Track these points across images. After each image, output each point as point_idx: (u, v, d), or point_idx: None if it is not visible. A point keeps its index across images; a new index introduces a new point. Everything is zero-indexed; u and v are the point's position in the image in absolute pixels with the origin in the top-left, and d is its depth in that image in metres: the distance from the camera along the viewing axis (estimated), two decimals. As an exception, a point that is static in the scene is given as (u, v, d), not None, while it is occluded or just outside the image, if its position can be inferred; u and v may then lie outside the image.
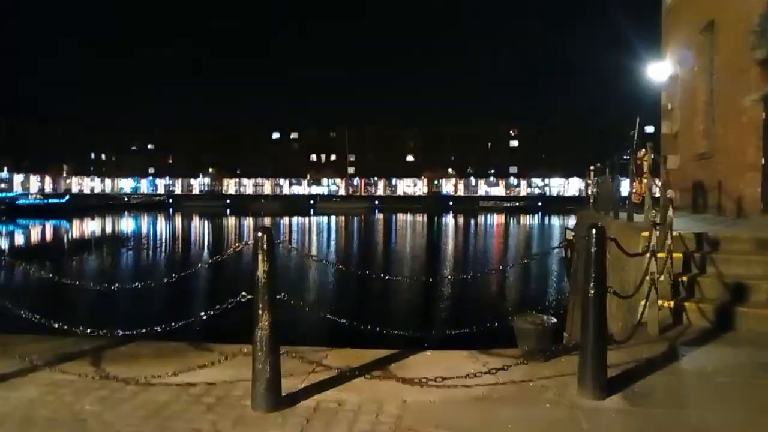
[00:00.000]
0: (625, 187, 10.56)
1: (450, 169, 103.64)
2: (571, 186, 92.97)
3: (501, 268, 23.49)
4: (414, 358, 4.91)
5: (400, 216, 65.44)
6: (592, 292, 4.03)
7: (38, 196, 74.56)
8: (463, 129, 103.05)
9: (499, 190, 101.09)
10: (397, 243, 35.94)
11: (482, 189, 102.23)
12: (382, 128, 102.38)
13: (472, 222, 57.20)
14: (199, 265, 4.11)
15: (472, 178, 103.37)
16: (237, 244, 4.21)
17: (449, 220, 61.72)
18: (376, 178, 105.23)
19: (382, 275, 5.81)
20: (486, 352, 5.00)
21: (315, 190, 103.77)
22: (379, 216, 66.60)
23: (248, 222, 57.10)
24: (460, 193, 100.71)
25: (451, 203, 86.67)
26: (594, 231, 4.08)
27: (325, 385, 4.27)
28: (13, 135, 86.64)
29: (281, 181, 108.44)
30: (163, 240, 37.99)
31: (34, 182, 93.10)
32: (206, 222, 56.54)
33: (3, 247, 30.79)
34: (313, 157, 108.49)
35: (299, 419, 3.72)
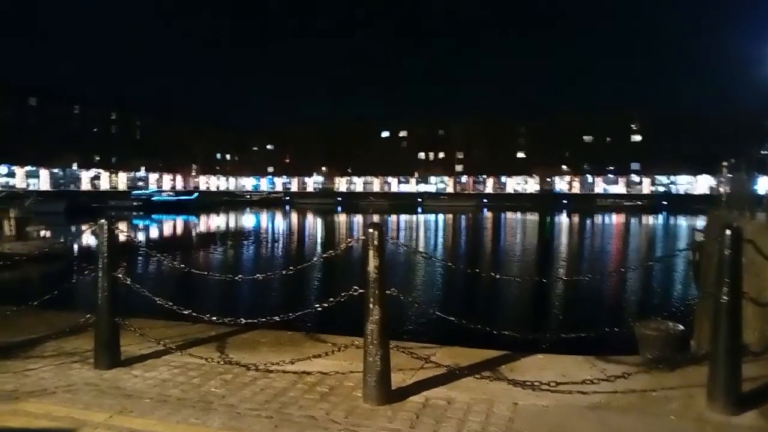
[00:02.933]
0: (763, 184, 9.61)
1: (564, 166, 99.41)
2: (700, 184, 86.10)
3: (621, 270, 22.21)
4: (526, 360, 4.79)
5: (509, 215, 63.98)
6: (726, 298, 3.72)
7: (170, 194, 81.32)
8: (579, 121, 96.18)
9: (619, 188, 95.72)
10: (507, 242, 35.18)
11: (599, 187, 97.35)
12: (491, 124, 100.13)
13: (589, 222, 54.61)
14: (315, 259, 4.29)
15: (588, 176, 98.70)
16: (349, 240, 4.34)
17: (563, 219, 59.36)
18: (484, 176, 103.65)
19: (492, 274, 5.72)
20: (603, 359, 4.76)
21: (423, 187, 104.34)
22: (488, 214, 65.54)
23: (358, 219, 58.51)
24: (575, 190, 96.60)
25: (565, 201, 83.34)
26: (729, 232, 3.77)
27: (434, 381, 4.29)
28: (150, 137, 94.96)
29: (390, 179, 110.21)
30: (281, 235, 39.95)
31: (167, 180, 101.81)
32: (319, 218, 58.65)
33: (141, 240, 33.91)
34: (422, 154, 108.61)
35: (409, 414, 3.77)
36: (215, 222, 54.20)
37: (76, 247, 26.23)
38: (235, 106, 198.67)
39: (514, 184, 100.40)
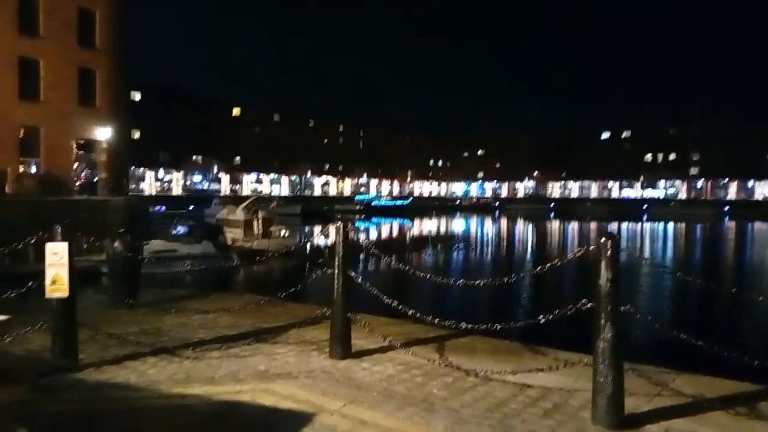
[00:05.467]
0: None
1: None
2: None
3: None
4: (793, 399, 4.02)
5: (758, 225, 55.18)
6: None
7: (388, 198, 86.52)
8: None
9: None
10: (755, 255, 30.39)
11: None
12: (734, 123, 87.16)
13: None
14: (539, 268, 4.13)
15: None
16: (578, 249, 4.07)
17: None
18: (726, 180, 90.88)
19: (742, 293, 4.94)
20: None
21: (649, 193, 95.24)
22: (730, 224, 57.32)
23: (572, 226, 55.73)
24: None
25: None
26: None
27: (674, 411, 3.81)
28: (372, 146, 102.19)
29: (610, 183, 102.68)
30: (490, 240, 39.86)
31: (385, 186, 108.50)
32: (530, 225, 57.16)
33: (365, 240, 36.57)
34: (648, 157, 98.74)
35: (646, 445, 3.40)
36: (428, 226, 56.14)
37: (308, 245, 29.22)
38: (451, 113, 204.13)
39: (765, 189, 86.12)
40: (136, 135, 67.43)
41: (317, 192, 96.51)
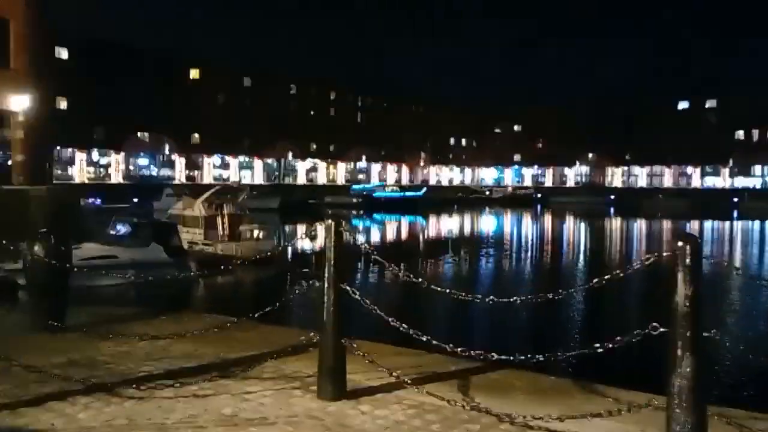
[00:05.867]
0: None
1: None
2: None
3: None
4: None
5: None
6: None
7: (395, 188, 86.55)
8: None
9: None
10: None
11: None
12: None
13: None
14: (595, 282, 4.11)
15: None
16: (646, 256, 4.05)
17: None
18: None
19: None
20: None
21: (740, 182, 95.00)
22: None
23: (639, 225, 55.71)
24: None
25: None
26: None
27: (774, 471, 3.81)
28: (373, 120, 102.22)
29: (689, 169, 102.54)
30: (531, 244, 39.88)
31: (391, 172, 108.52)
32: (583, 224, 57.17)
33: (364, 242, 36.58)
34: (739, 134, 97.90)
35: None
36: (447, 224, 56.21)
37: (290, 250, 29.31)
38: (478, 76, 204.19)
39: None
40: (63, 105, 67.76)
41: (301, 180, 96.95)
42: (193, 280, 20.64)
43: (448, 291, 5.50)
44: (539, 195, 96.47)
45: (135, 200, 56.95)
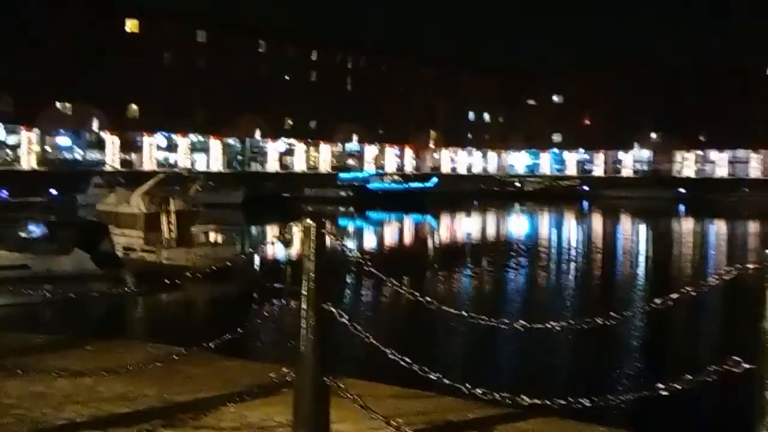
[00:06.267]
0: None
1: None
2: None
3: None
4: None
5: None
6: None
7: (396, 178, 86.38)
8: None
9: None
10: None
11: None
12: None
13: None
14: (659, 303, 4.08)
15: None
16: (727, 270, 4.06)
17: None
18: None
19: None
20: None
21: None
22: None
23: (718, 229, 55.75)
24: None
25: None
26: None
27: None
28: (366, 87, 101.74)
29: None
30: (574, 253, 39.85)
31: (391, 156, 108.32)
32: (643, 226, 57.21)
33: (354, 249, 36.53)
34: None
35: None
36: (465, 226, 56.18)
37: (257, 259, 29.25)
38: (504, 28, 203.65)
39: None
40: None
41: (273, 166, 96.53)
42: (129, 299, 20.62)
43: (464, 314, 5.50)
44: (586, 188, 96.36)
45: (53, 192, 56.83)
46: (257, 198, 64.36)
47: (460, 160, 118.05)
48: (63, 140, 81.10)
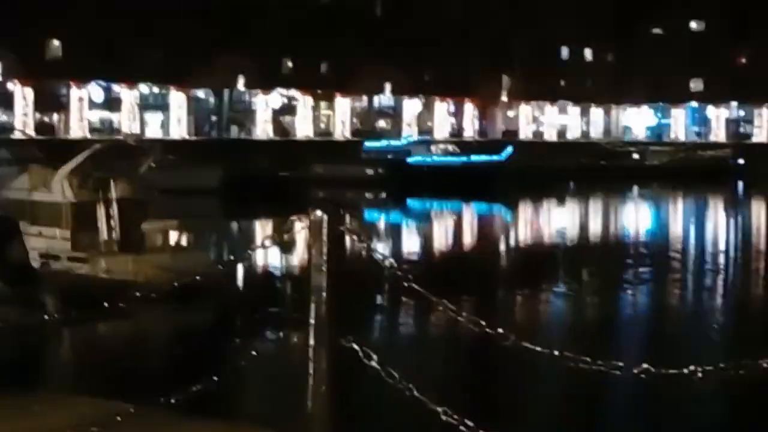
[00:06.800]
0: None
1: None
2: None
3: None
4: None
5: None
6: None
7: (449, 148, 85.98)
8: None
9: None
10: None
11: None
12: None
13: None
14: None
15: None
16: None
17: None
18: None
19: None
20: None
21: None
22: None
23: None
24: None
25: None
26: None
27: None
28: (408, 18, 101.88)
29: None
30: (724, 259, 39.88)
31: (441, 114, 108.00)
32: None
33: (386, 255, 36.56)
34: None
35: None
36: (557, 218, 56.25)
37: (241, 271, 29.37)
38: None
39: None
40: None
41: (264, 131, 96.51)
42: (50, 332, 20.76)
43: (555, 353, 5.49)
44: (742, 161, 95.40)
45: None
46: (241, 179, 64.32)
47: (549, 121, 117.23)
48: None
